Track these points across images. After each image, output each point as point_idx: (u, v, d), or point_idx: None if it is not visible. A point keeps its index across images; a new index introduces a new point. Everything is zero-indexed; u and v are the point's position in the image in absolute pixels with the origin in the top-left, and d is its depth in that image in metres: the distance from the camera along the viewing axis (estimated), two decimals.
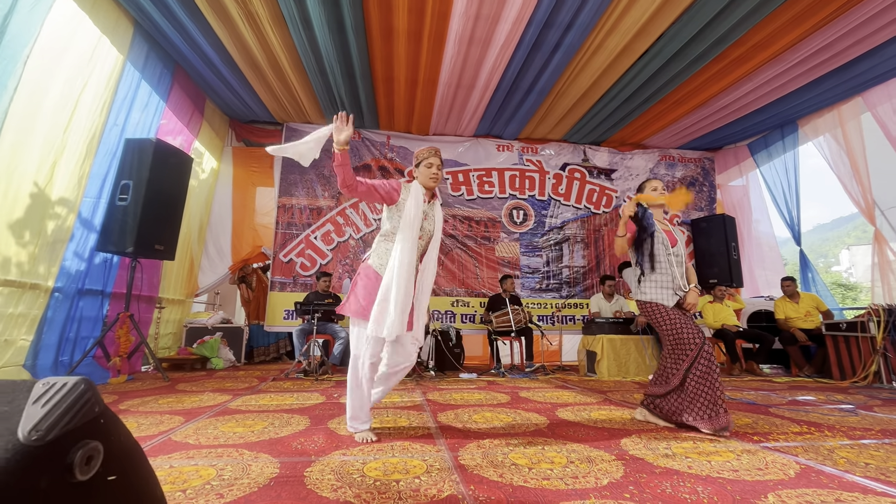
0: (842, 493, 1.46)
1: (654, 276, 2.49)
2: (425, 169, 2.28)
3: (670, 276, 2.46)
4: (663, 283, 2.47)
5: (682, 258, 2.53)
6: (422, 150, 2.33)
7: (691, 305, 2.44)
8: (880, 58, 4.54)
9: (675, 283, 2.46)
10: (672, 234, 2.55)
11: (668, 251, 2.48)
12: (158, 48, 4.46)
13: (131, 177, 3.78)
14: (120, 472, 0.48)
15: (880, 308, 4.29)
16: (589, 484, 1.53)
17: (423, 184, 2.29)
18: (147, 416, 2.55)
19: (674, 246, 2.51)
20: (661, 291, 2.46)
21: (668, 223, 2.62)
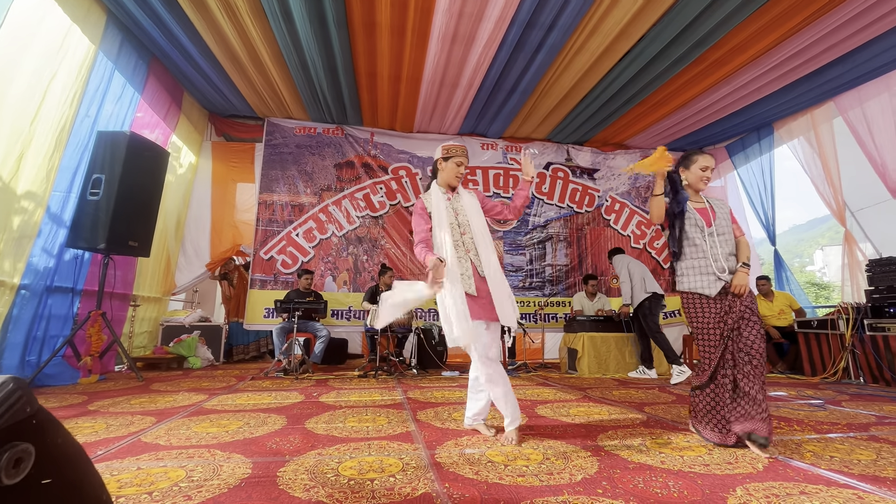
0: (807, 485, 1.50)
1: (690, 261, 2.17)
2: (454, 167, 2.23)
3: (708, 258, 2.12)
4: (701, 267, 2.13)
5: (727, 236, 2.17)
6: (454, 144, 2.24)
7: (739, 287, 2.05)
8: (851, 64, 4.68)
9: (718, 265, 2.10)
10: (708, 212, 2.21)
11: (704, 232, 2.16)
12: (133, 38, 4.33)
13: (104, 171, 3.67)
14: (56, 475, 0.46)
15: (849, 306, 4.43)
16: (563, 480, 1.54)
17: (446, 181, 2.25)
18: (117, 416, 2.47)
19: (710, 225, 2.17)
20: (700, 278, 2.13)
21: (703, 200, 2.26)
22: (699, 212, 2.21)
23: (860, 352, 4.28)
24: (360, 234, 6.19)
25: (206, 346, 5.23)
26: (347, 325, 5.93)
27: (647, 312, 4.55)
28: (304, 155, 6.22)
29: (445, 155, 2.24)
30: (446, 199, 2.21)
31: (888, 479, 1.56)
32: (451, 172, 2.23)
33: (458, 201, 2.25)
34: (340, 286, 6.03)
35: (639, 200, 6.99)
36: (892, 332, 4.05)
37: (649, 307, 4.55)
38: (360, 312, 5.88)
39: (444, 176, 2.24)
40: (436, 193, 2.22)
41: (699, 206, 2.24)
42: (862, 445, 2.01)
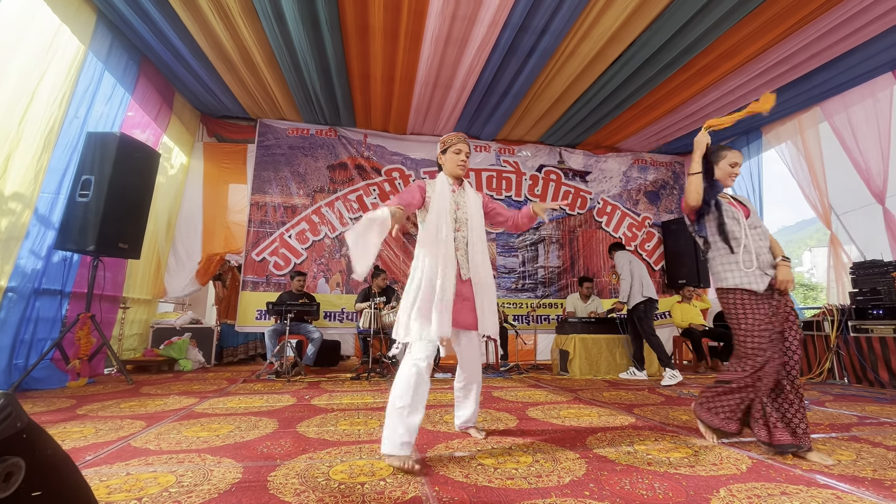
0: (788, 486, 1.53)
1: (734, 256, 2.00)
2: (453, 155, 2.16)
3: (751, 253, 1.97)
4: (745, 262, 1.97)
5: (762, 230, 2.07)
6: (449, 135, 2.21)
7: (784, 283, 1.95)
8: (836, 70, 4.78)
9: (762, 260, 1.98)
10: (744, 206, 2.12)
11: (743, 223, 2.02)
12: (123, 38, 4.30)
13: (93, 172, 3.64)
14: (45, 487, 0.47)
15: (834, 308, 4.52)
16: (552, 483, 1.56)
17: (450, 172, 2.18)
18: (106, 420, 2.46)
19: (748, 217, 2.06)
20: (747, 274, 1.97)
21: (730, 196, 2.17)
22: (734, 206, 2.10)
23: (844, 353, 4.36)
24: None
25: (198, 348, 5.19)
26: (340, 327, 5.92)
27: (642, 315, 4.55)
28: (297, 156, 6.21)
29: (443, 147, 2.21)
30: (451, 190, 2.14)
31: (867, 480, 1.60)
32: (451, 162, 2.17)
33: (463, 196, 2.18)
34: (333, 288, 6.02)
35: (630, 203, 7.06)
36: (875, 334, 4.14)
37: (644, 310, 4.55)
38: (353, 314, 5.87)
39: (447, 168, 2.19)
40: (441, 181, 2.15)
41: (732, 200, 2.15)
42: (843, 446, 2.06)
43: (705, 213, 2.07)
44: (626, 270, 4.69)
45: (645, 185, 7.15)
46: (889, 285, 4.13)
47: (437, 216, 2.05)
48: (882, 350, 4.05)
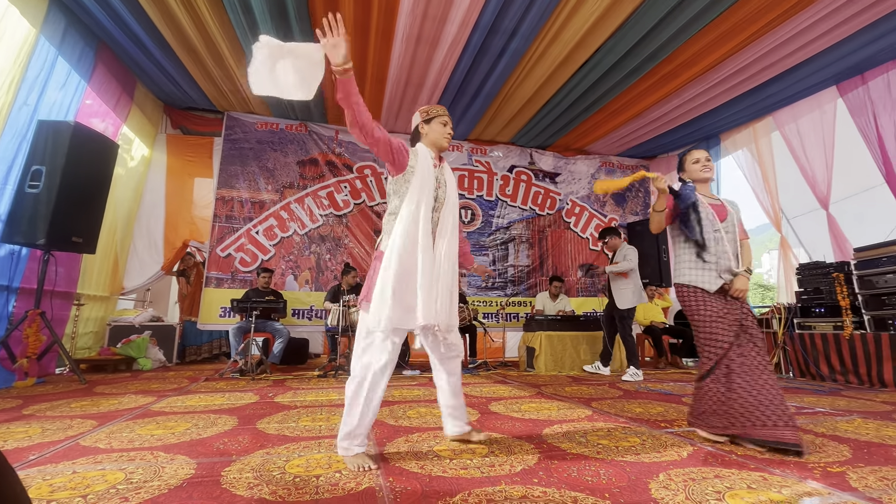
0: (721, 469, 1.64)
1: (688, 252, 2.13)
2: (440, 126, 1.94)
3: (715, 254, 2.08)
4: (708, 264, 2.08)
5: (734, 235, 2.14)
6: (431, 105, 2.00)
7: (739, 291, 2.05)
8: (788, 81, 5.06)
9: (721, 265, 2.07)
10: (722, 208, 2.18)
11: (716, 226, 2.11)
12: (79, 23, 4.12)
13: (44, 162, 3.47)
14: None
15: (782, 306, 4.80)
16: (503, 472, 1.61)
17: (434, 142, 1.94)
18: (55, 420, 2.37)
19: (723, 220, 2.14)
20: (701, 273, 2.08)
21: (715, 196, 2.25)
22: (713, 206, 2.17)
23: (790, 348, 4.64)
24: (324, 233, 6.13)
25: (158, 346, 5.03)
26: (309, 325, 5.85)
27: (626, 316, 4.55)
28: (266, 151, 6.09)
29: (426, 117, 1.96)
30: (433, 164, 1.90)
31: (793, 463, 1.73)
32: (439, 132, 1.94)
33: (443, 173, 1.96)
34: (302, 285, 5.94)
35: (597, 205, 7.26)
36: (818, 331, 4.42)
37: (630, 314, 4.57)
38: (321, 312, 5.82)
39: (431, 137, 1.94)
40: (424, 153, 1.88)
41: (713, 202, 2.19)
42: None
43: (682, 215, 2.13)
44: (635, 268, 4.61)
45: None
46: (830, 286, 4.42)
47: (420, 191, 1.80)
48: (823, 346, 4.33)
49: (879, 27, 4.16)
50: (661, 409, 2.81)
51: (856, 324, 4.17)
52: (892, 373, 3.76)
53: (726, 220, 2.15)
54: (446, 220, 1.90)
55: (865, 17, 4.05)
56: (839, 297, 4.27)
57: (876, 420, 2.51)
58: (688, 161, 2.26)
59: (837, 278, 4.34)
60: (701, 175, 2.21)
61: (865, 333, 4.01)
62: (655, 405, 2.96)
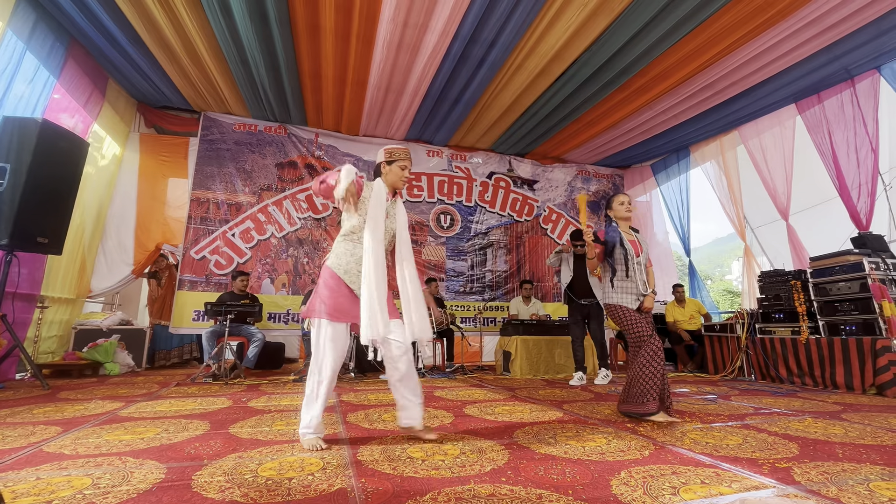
0: (679, 466, 1.73)
1: (622, 283, 2.70)
2: (399, 170, 2.19)
3: (634, 282, 2.69)
4: (629, 289, 2.69)
5: (643, 267, 2.76)
6: (397, 148, 2.22)
7: (648, 309, 2.71)
8: (751, 98, 5.34)
9: (638, 290, 2.69)
10: (636, 244, 2.77)
11: (634, 260, 2.70)
12: (49, 18, 4.02)
13: (9, 160, 3.36)
14: None
15: (745, 312, 5.02)
16: (473, 472, 1.66)
17: (392, 184, 2.20)
18: (16, 427, 2.30)
19: (638, 256, 2.73)
20: (626, 296, 2.69)
21: (633, 233, 2.82)
22: (631, 242, 2.74)
23: (752, 352, 4.86)
24: (302, 236, 6.09)
25: (127, 351, 4.89)
26: (285, 329, 5.79)
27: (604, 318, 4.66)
28: (244, 152, 6.03)
29: (389, 158, 2.21)
30: (386, 198, 2.18)
31: (745, 459, 1.84)
32: (397, 175, 2.20)
33: (394, 206, 2.24)
34: (279, 289, 5.88)
35: (573, 212, 7.44)
36: (777, 335, 4.65)
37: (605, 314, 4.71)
38: (297, 316, 5.77)
39: (389, 178, 2.20)
40: (379, 188, 2.16)
41: (631, 238, 2.77)
42: (734, 433, 2.33)
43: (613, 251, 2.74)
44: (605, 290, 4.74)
45: (588, 195, 7.56)
46: (789, 293, 4.66)
47: (373, 220, 2.08)
48: (782, 350, 4.56)
49: (834, 50, 4.45)
50: None
51: (811, 329, 4.40)
52: (844, 375, 3.99)
53: (641, 255, 2.75)
54: (401, 247, 2.21)
55: (821, 41, 4.32)
56: (796, 303, 4.51)
57: (825, 420, 2.68)
58: (615, 202, 2.82)
59: (795, 286, 4.58)
60: (624, 214, 2.80)
61: (820, 338, 4.25)
62: None
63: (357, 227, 2.12)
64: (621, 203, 2.80)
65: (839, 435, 2.28)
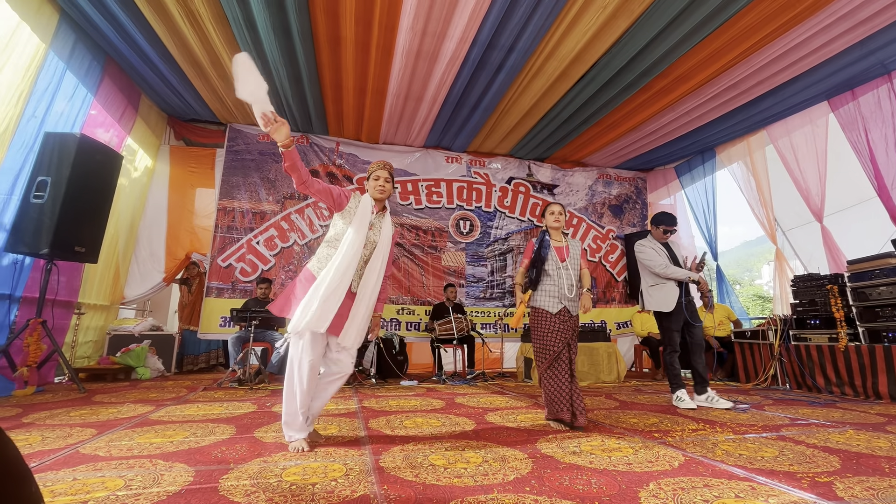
0: (711, 479, 1.67)
1: (542, 286, 2.78)
2: (374, 182, 2.35)
3: (557, 286, 2.74)
4: (550, 292, 2.75)
5: (571, 271, 2.79)
6: (373, 163, 2.40)
7: (585, 308, 2.73)
8: (780, 97, 5.16)
9: (561, 292, 2.73)
10: (565, 250, 2.83)
11: (558, 265, 2.78)
12: (87, 39, 4.23)
13: (50, 173, 3.54)
14: None
15: (777, 318, 4.83)
16: (496, 480, 1.64)
17: (372, 196, 2.35)
18: (54, 429, 2.39)
19: (564, 260, 2.79)
20: (547, 299, 2.74)
21: (566, 238, 2.92)
22: (557, 249, 2.82)
23: (786, 360, 4.66)
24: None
25: (157, 356, 5.05)
26: None
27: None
28: (267, 162, 6.18)
29: (367, 174, 2.41)
30: (371, 211, 2.31)
31: (782, 473, 1.76)
32: (371, 187, 2.36)
33: (380, 221, 2.37)
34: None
35: (595, 216, 7.33)
36: (813, 342, 4.44)
37: None
38: None
39: (370, 192, 2.38)
40: (366, 201, 2.32)
41: (558, 244, 2.85)
42: (770, 444, 2.23)
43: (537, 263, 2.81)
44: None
45: (609, 198, 7.44)
46: (825, 297, 4.46)
47: (355, 230, 2.21)
48: (819, 357, 4.36)
49: (869, 44, 4.27)
50: (655, 420, 2.83)
51: (850, 335, 4.19)
52: (888, 385, 3.78)
53: (568, 259, 2.80)
54: (375, 260, 2.30)
55: (856, 35, 4.15)
56: (833, 308, 4.31)
57: (868, 432, 2.54)
58: (547, 212, 2.93)
59: (831, 290, 4.38)
60: (553, 225, 2.89)
61: (860, 345, 4.04)
62: (650, 416, 2.98)
63: (339, 234, 2.25)
64: (552, 213, 2.90)
65: (884, 448, 2.15)
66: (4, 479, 0.56)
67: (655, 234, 3.85)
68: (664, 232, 3.81)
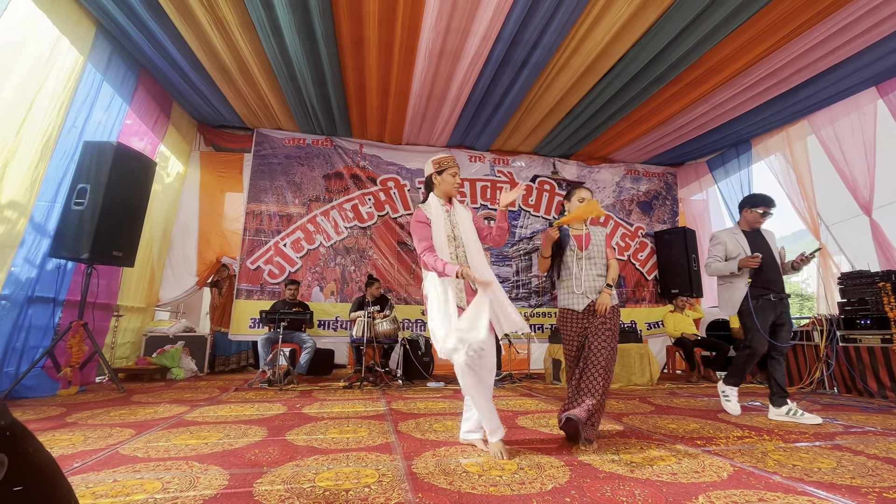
0: (766, 493, 1.56)
1: (563, 282, 2.51)
2: (450, 178, 2.25)
3: (579, 280, 2.43)
4: (571, 287, 2.45)
5: (596, 260, 2.45)
6: (443, 157, 2.29)
7: (600, 305, 2.36)
8: (822, 84, 4.88)
9: (585, 286, 2.40)
10: (585, 237, 2.50)
11: (579, 255, 2.45)
12: (122, 50, 4.37)
13: (89, 180, 3.68)
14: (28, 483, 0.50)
15: (823, 318, 4.56)
16: (534, 489, 1.58)
17: (446, 192, 2.27)
18: (96, 428, 2.46)
19: (585, 248, 2.46)
20: (569, 296, 2.44)
21: (586, 226, 2.58)
22: (576, 237, 2.51)
23: (834, 363, 4.40)
24: (348, 245, 6.22)
25: (190, 356, 5.19)
26: (334, 336, 5.92)
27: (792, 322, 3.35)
28: (293, 165, 6.27)
29: (439, 168, 2.27)
30: (445, 210, 2.23)
31: (843, 486, 1.63)
32: (449, 183, 2.25)
33: (455, 214, 2.27)
34: (328, 297, 6.03)
35: (623, 213, 7.13)
36: (864, 344, 4.18)
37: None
38: (346, 323, 5.88)
39: (442, 188, 2.26)
40: (435, 204, 2.23)
41: (578, 233, 2.54)
42: (825, 454, 2.09)
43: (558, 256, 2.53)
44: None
45: (638, 195, 7.23)
46: (876, 295, 4.18)
47: (437, 240, 2.15)
48: (870, 360, 4.09)
49: None
50: (695, 426, 2.71)
51: None
52: None
53: (590, 247, 2.48)
54: (471, 250, 2.20)
55: None
56: (887, 308, 4.04)
57: None
58: (574, 197, 2.55)
59: (884, 288, 4.10)
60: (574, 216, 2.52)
61: None
62: (690, 421, 2.85)
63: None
64: (581, 199, 2.52)
65: None
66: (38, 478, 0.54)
67: (749, 219, 3.22)
68: (762, 214, 3.18)
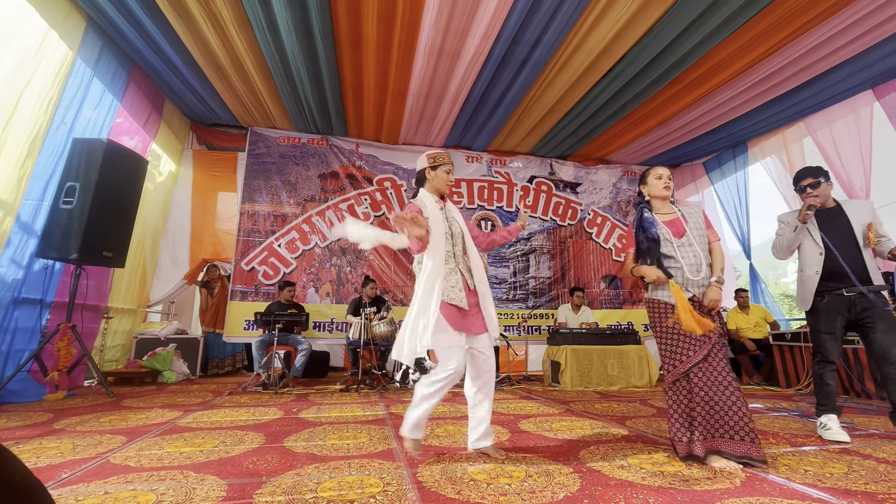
0: (782, 500, 1.52)
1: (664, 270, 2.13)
2: (444, 174, 2.17)
3: (679, 269, 2.09)
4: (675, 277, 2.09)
5: (696, 247, 2.10)
6: (439, 152, 2.20)
7: (711, 302, 2.02)
8: (819, 87, 4.90)
9: (686, 277, 2.07)
10: (677, 223, 2.17)
11: (673, 244, 2.12)
12: (113, 45, 4.26)
13: (78, 179, 3.57)
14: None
15: None
16: (545, 499, 1.53)
17: (438, 188, 2.17)
18: (85, 436, 2.37)
19: (682, 235, 2.13)
20: (664, 289, 2.11)
21: (673, 208, 2.25)
22: (669, 224, 2.17)
23: None
24: (344, 246, 6.14)
25: (182, 359, 5.07)
26: (330, 338, 5.83)
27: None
28: (288, 165, 6.17)
29: (433, 164, 2.17)
30: (439, 207, 2.14)
31: (859, 493, 1.60)
32: (441, 180, 2.17)
33: (449, 212, 2.21)
34: (323, 298, 5.95)
35: (620, 214, 7.13)
36: (861, 345, 4.18)
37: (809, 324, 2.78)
38: (342, 325, 5.80)
39: (434, 184, 2.17)
40: (429, 200, 2.13)
41: (669, 217, 2.20)
42: (834, 458, 2.06)
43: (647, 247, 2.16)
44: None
45: (635, 196, 7.22)
46: None
47: (435, 236, 2.02)
48: (868, 361, 4.09)
49: None
50: None
51: None
52: None
53: (685, 235, 2.15)
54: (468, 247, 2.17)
55: None
56: None
57: None
58: (651, 175, 2.28)
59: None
60: (661, 192, 2.24)
61: None
62: None
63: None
64: (658, 177, 2.22)
65: None
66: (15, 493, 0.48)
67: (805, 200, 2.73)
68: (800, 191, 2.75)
